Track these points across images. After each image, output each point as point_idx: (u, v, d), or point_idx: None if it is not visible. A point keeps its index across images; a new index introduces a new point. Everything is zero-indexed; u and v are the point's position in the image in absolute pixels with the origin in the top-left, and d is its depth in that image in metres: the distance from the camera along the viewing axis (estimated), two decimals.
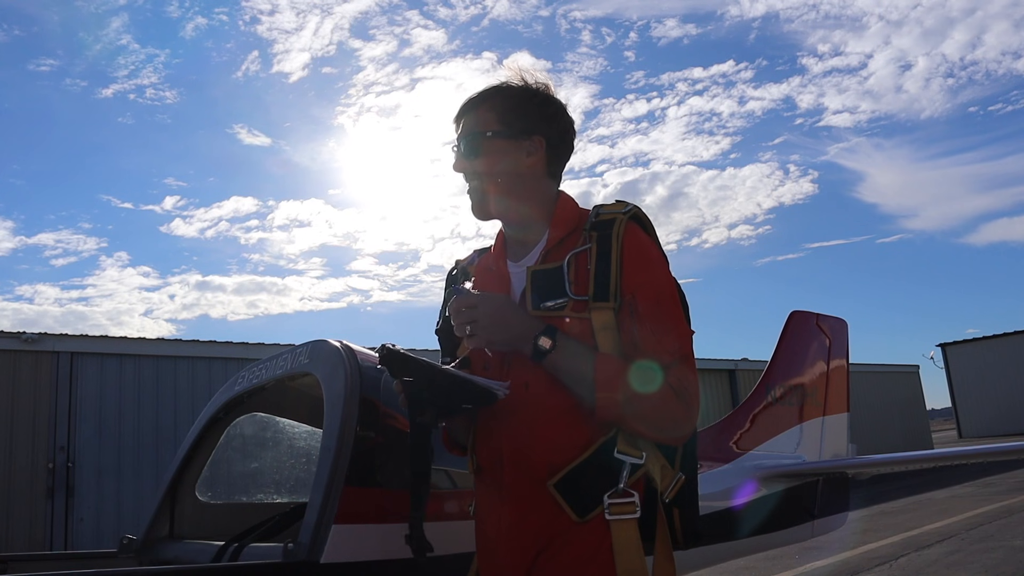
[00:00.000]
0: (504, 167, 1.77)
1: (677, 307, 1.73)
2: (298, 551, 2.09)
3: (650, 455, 1.65)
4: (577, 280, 1.68)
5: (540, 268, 1.74)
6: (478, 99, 1.81)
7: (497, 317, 1.61)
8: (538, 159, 1.78)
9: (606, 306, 1.64)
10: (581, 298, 1.66)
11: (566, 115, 1.85)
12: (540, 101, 1.80)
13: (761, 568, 7.27)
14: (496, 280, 1.82)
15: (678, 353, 1.65)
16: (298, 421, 3.26)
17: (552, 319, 1.65)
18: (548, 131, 1.79)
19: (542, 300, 1.69)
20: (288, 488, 3.30)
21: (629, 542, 1.58)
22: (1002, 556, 7.06)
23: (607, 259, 1.67)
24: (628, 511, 1.60)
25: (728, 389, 18.82)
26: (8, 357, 9.46)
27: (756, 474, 3.83)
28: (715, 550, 3.53)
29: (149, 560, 2.72)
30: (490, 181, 1.78)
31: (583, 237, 1.73)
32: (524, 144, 1.77)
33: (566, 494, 1.62)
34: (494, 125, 1.77)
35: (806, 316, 4.77)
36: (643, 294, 1.65)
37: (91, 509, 9.59)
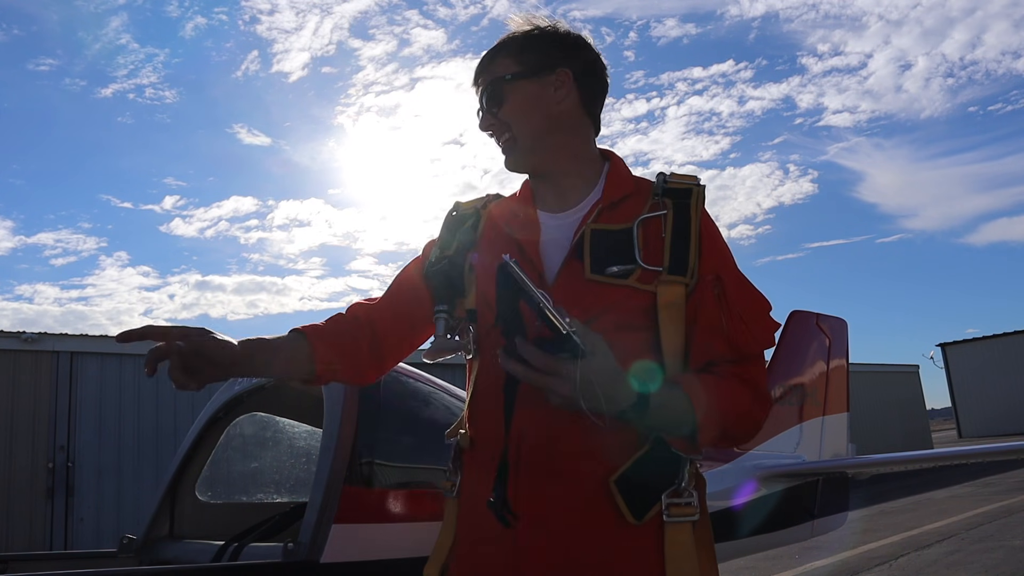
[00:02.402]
0: (532, 107, 1.57)
1: (762, 295, 1.56)
2: (298, 551, 2.09)
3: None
4: (647, 247, 1.47)
5: (600, 227, 1.50)
6: (492, 52, 1.64)
7: (605, 385, 1.26)
8: (568, 93, 1.57)
9: (680, 280, 1.45)
10: (653, 268, 1.45)
11: (589, 46, 1.65)
12: (556, 34, 1.62)
13: (761, 568, 7.27)
14: (527, 227, 1.57)
15: (766, 344, 1.51)
16: (298, 421, 3.26)
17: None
18: (572, 62, 1.59)
19: (605, 264, 1.46)
20: (288, 488, 3.30)
21: (686, 547, 1.42)
22: (1002, 556, 7.06)
23: (686, 231, 1.48)
24: (687, 513, 1.43)
25: None
26: (8, 357, 9.45)
27: (756, 474, 3.83)
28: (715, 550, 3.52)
29: (149, 560, 2.72)
30: (520, 126, 1.57)
31: (653, 202, 1.53)
32: (549, 80, 1.57)
33: (625, 492, 1.40)
34: (513, 67, 1.58)
35: (806, 316, 4.77)
36: (727, 276, 1.49)
37: (91, 509, 9.59)
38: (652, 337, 1.45)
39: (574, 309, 1.38)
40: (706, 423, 1.39)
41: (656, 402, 1.34)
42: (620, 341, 1.39)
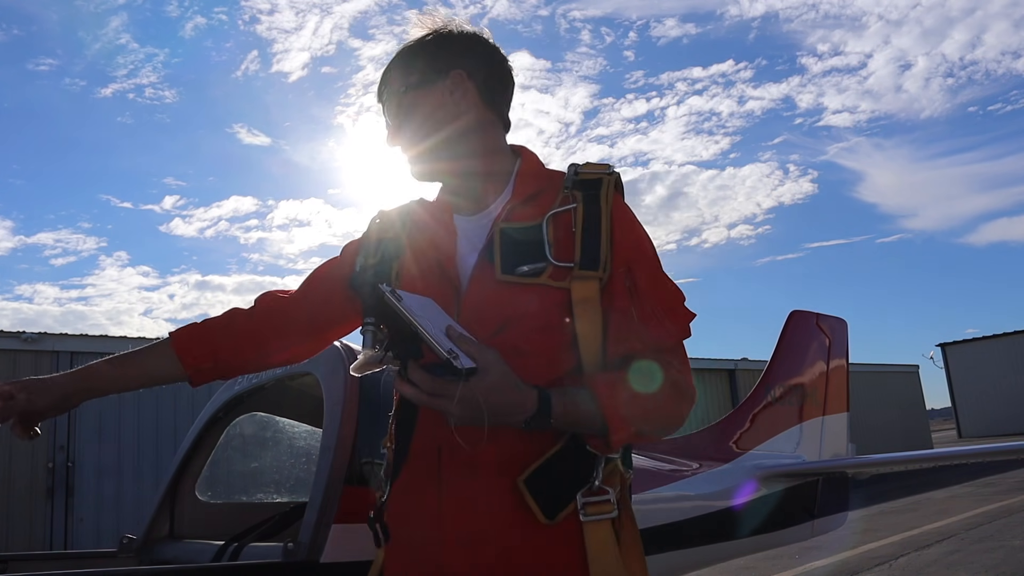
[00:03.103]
0: (431, 115, 1.54)
1: (675, 285, 1.53)
2: (298, 551, 2.09)
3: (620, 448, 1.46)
4: (558, 243, 1.45)
5: (510, 225, 1.48)
6: (388, 67, 1.62)
7: (498, 401, 1.26)
8: (465, 95, 1.54)
9: (592, 275, 1.42)
10: (564, 264, 1.43)
11: (483, 41, 1.61)
12: (446, 38, 1.58)
13: (761, 568, 7.27)
14: (440, 232, 1.56)
15: (681, 336, 1.49)
16: (298, 421, 3.26)
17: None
18: (465, 62, 1.56)
19: (515, 264, 1.44)
20: (288, 488, 3.30)
21: (605, 545, 1.40)
22: (1002, 556, 7.06)
23: (596, 223, 1.45)
24: (604, 511, 1.41)
25: (728, 389, 18.81)
26: (8, 357, 9.45)
27: (756, 474, 3.83)
28: (715, 550, 3.53)
29: (149, 560, 2.72)
30: (423, 136, 1.55)
31: (563, 196, 1.50)
32: (443, 85, 1.54)
33: (535, 492, 1.39)
34: (407, 79, 1.56)
35: (806, 316, 4.77)
36: (639, 268, 1.47)
37: (91, 509, 9.59)
38: (571, 335, 1.43)
39: (488, 312, 1.43)
40: (616, 422, 1.36)
41: (559, 408, 1.34)
42: (539, 341, 1.42)
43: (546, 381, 1.39)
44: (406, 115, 1.57)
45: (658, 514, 3.18)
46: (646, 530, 3.13)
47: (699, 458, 3.74)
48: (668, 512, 3.24)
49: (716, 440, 4.04)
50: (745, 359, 19.28)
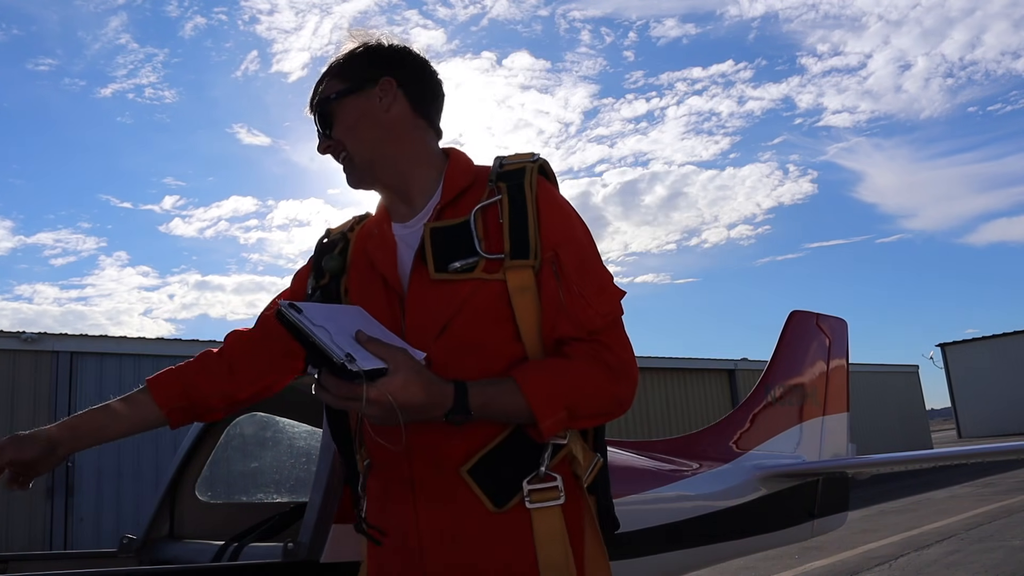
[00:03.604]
0: (360, 121, 1.57)
1: (602, 265, 1.54)
2: (298, 551, 2.09)
3: (573, 435, 1.47)
4: (488, 236, 1.47)
5: (440, 225, 1.50)
6: (320, 77, 1.64)
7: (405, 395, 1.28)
8: (395, 101, 1.57)
9: (525, 264, 1.44)
10: (495, 256, 1.45)
11: (414, 53, 1.64)
12: (376, 48, 1.62)
13: (761, 568, 7.27)
14: (380, 243, 1.59)
15: (610, 316, 1.48)
16: (298, 421, 3.26)
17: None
18: (395, 70, 1.59)
19: (447, 261, 1.46)
20: (288, 488, 3.30)
21: (552, 532, 1.41)
22: (1002, 556, 7.06)
23: (522, 212, 1.46)
24: (551, 497, 1.42)
25: (728, 389, 18.81)
26: (7, 357, 9.45)
27: (756, 474, 3.83)
28: (715, 550, 3.53)
29: (149, 560, 2.72)
30: (353, 142, 1.58)
31: (489, 189, 1.52)
32: (373, 92, 1.57)
33: (481, 481, 1.42)
34: (338, 86, 1.60)
35: (806, 316, 4.77)
36: (566, 251, 1.47)
37: (91, 509, 9.59)
38: (513, 326, 1.45)
39: (430, 313, 1.47)
40: (543, 410, 1.38)
41: (478, 400, 1.36)
42: (484, 335, 1.45)
43: (497, 373, 1.42)
44: (337, 121, 1.59)
45: (658, 514, 3.18)
46: (646, 530, 3.14)
47: (699, 458, 3.74)
48: (668, 512, 3.24)
49: (716, 440, 4.04)
50: (745, 359, 19.28)
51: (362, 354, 1.27)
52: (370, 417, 1.32)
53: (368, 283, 1.58)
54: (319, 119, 1.62)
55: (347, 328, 1.33)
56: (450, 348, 1.44)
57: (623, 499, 3.03)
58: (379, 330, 1.41)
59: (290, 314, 1.28)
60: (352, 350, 1.27)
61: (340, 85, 1.60)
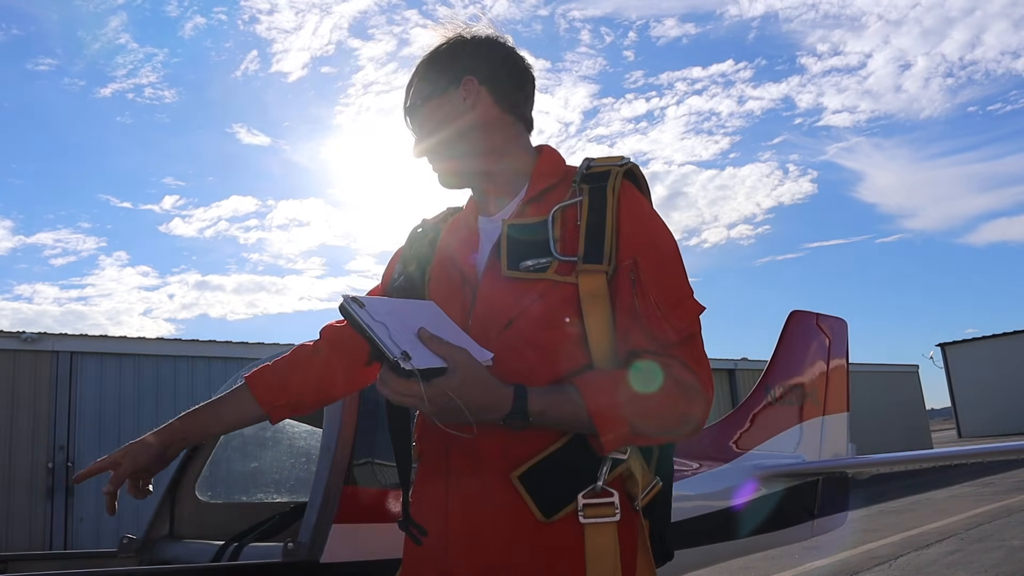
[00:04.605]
0: (447, 124, 1.56)
1: (684, 277, 1.49)
2: (298, 551, 2.09)
3: (632, 451, 1.41)
4: (564, 238, 1.44)
5: (518, 222, 1.49)
6: (408, 84, 1.64)
7: (462, 395, 1.25)
8: (479, 100, 1.56)
9: (598, 269, 1.40)
10: (568, 259, 1.41)
11: (496, 44, 1.61)
12: (460, 43, 1.60)
13: (761, 568, 7.27)
14: (465, 235, 1.59)
15: (686, 331, 1.41)
16: (298, 421, 3.26)
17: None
18: (476, 68, 1.57)
19: (520, 259, 1.44)
20: (288, 488, 3.30)
21: (605, 549, 1.35)
22: (1002, 556, 7.06)
23: (601, 215, 1.43)
24: (606, 514, 1.36)
25: (728, 389, 18.81)
26: (7, 357, 9.45)
27: (756, 474, 3.83)
28: (715, 550, 3.53)
29: (149, 560, 2.72)
30: (440, 146, 1.58)
31: (572, 190, 1.49)
32: (457, 93, 1.56)
33: (532, 488, 1.37)
34: (423, 92, 1.59)
35: (806, 316, 4.77)
36: (646, 259, 1.42)
37: (91, 509, 9.59)
38: (580, 331, 1.41)
39: (497, 308, 1.44)
40: (605, 423, 1.32)
41: (538, 407, 1.32)
42: (546, 337, 1.41)
43: (553, 376, 1.39)
44: (425, 126, 1.60)
45: None
46: None
47: (699, 458, 3.74)
48: None
49: (716, 440, 4.04)
50: (745, 359, 19.28)
51: (422, 352, 1.25)
52: (428, 415, 1.28)
53: (448, 273, 1.57)
54: (410, 125, 1.63)
55: (412, 324, 1.30)
56: (512, 345, 1.41)
57: None
58: (449, 327, 1.37)
59: (351, 308, 1.25)
60: (411, 347, 1.24)
61: (425, 89, 1.59)
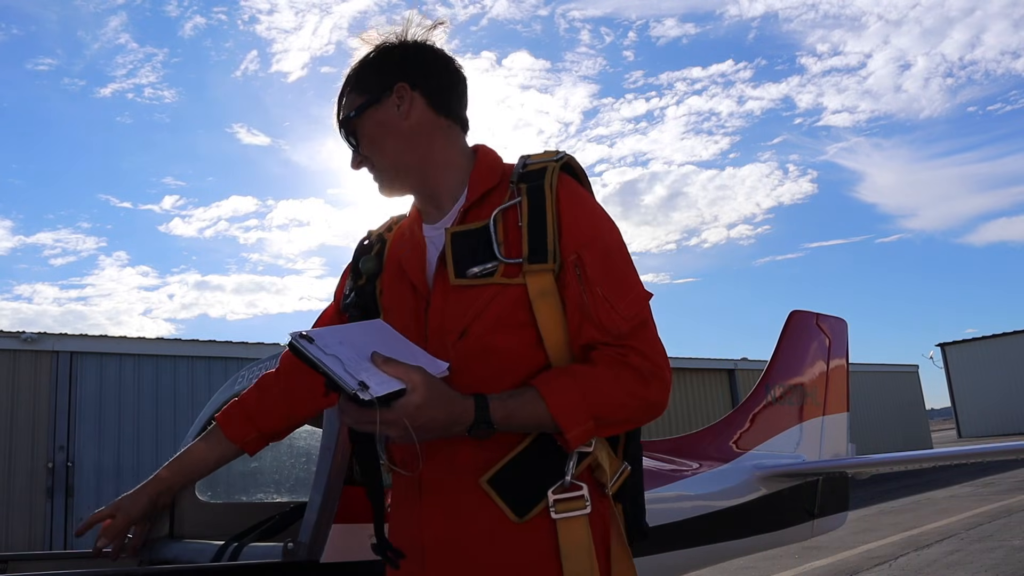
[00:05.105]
0: (382, 133, 1.55)
1: (630, 265, 1.49)
2: (298, 551, 2.09)
3: (598, 441, 1.43)
4: (507, 240, 1.43)
5: (460, 229, 1.48)
6: (340, 92, 1.61)
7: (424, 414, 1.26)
8: (412, 105, 1.54)
9: (544, 268, 1.40)
10: (514, 261, 1.41)
11: (426, 47, 1.59)
12: (384, 52, 1.58)
13: (761, 568, 7.27)
14: (411, 245, 1.58)
15: (636, 319, 1.42)
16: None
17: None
18: (407, 74, 1.55)
19: (467, 266, 1.44)
20: (288, 488, 3.30)
21: (579, 543, 1.37)
22: (1002, 556, 7.07)
23: (541, 214, 1.42)
24: (577, 507, 1.38)
25: (728, 389, 18.81)
26: (7, 357, 9.45)
27: (756, 474, 3.83)
28: (715, 550, 3.53)
29: (149, 560, 2.72)
30: (378, 156, 1.56)
31: (510, 191, 1.48)
32: (390, 100, 1.54)
33: (502, 491, 1.39)
34: (356, 101, 1.57)
35: (806, 316, 4.77)
36: (589, 252, 1.42)
37: (91, 509, 9.58)
38: (535, 331, 1.42)
39: (450, 318, 1.45)
40: (567, 419, 1.34)
41: (500, 414, 1.33)
42: (503, 341, 1.42)
43: (517, 380, 1.40)
44: (362, 137, 1.58)
45: (658, 514, 3.18)
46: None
47: (699, 458, 3.74)
48: (668, 512, 3.24)
49: (716, 440, 4.04)
50: (745, 359, 19.28)
51: (378, 377, 1.26)
52: (393, 438, 1.31)
53: (398, 285, 1.57)
54: (345, 138, 1.60)
55: (364, 349, 1.32)
56: (469, 353, 1.42)
57: None
58: (400, 344, 1.39)
59: (301, 345, 1.26)
60: (367, 374, 1.26)
61: (358, 99, 1.57)
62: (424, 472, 1.46)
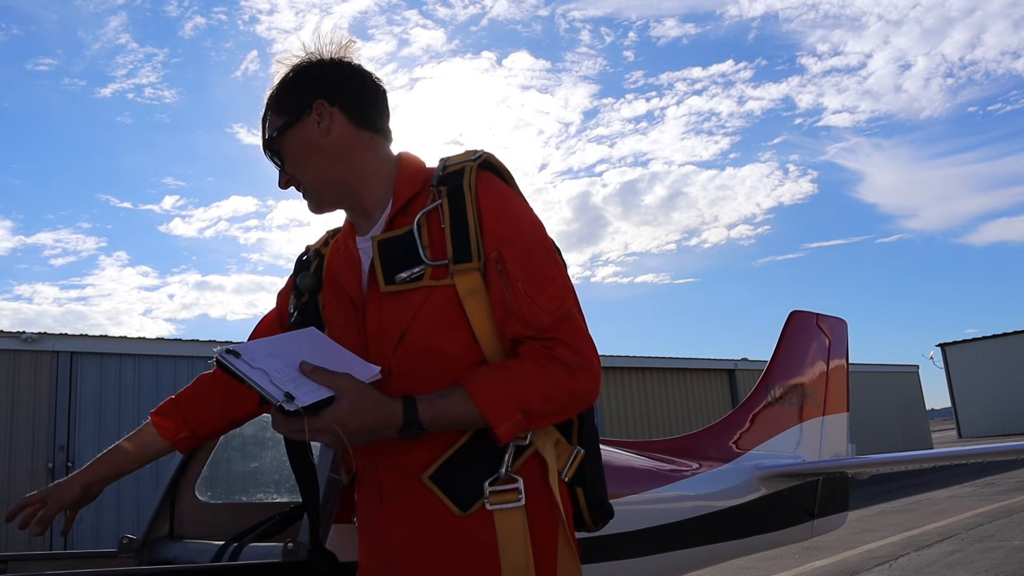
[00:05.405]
0: (305, 152, 1.57)
1: (551, 259, 1.51)
2: (298, 551, 2.09)
3: (539, 433, 1.46)
4: (432, 243, 1.46)
5: (386, 236, 1.51)
6: (261, 120, 1.65)
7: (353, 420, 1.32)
8: (332, 122, 1.56)
9: (470, 267, 1.43)
10: (440, 263, 1.44)
11: (342, 64, 1.61)
12: (301, 71, 1.60)
13: (761, 568, 7.27)
14: (346, 258, 1.61)
15: (558, 312, 1.44)
16: None
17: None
18: (325, 90, 1.57)
19: (395, 272, 1.47)
20: (288, 488, 3.30)
21: (515, 534, 1.41)
22: (1002, 556, 7.06)
23: (462, 213, 1.45)
24: (511, 499, 1.42)
25: (728, 389, 18.81)
26: (7, 357, 9.45)
27: (756, 474, 3.83)
28: (715, 550, 3.53)
29: (149, 560, 2.72)
30: (304, 174, 1.59)
31: (432, 194, 1.51)
32: (310, 118, 1.57)
33: (444, 486, 1.44)
34: (277, 122, 1.60)
35: (806, 316, 4.77)
36: (510, 249, 1.44)
37: (91, 509, 9.58)
38: (469, 330, 1.46)
39: (386, 326, 1.49)
40: (495, 415, 1.37)
41: (429, 414, 1.37)
42: (440, 343, 1.46)
43: (456, 379, 1.43)
44: (286, 157, 1.61)
45: (658, 514, 3.18)
46: (646, 530, 3.14)
47: (699, 458, 3.74)
48: (668, 512, 3.24)
49: (716, 440, 4.04)
50: (745, 359, 19.28)
51: (306, 387, 1.30)
52: (327, 444, 1.37)
53: (338, 299, 1.60)
54: (272, 159, 1.63)
55: (293, 359, 1.36)
56: (408, 357, 1.46)
57: (623, 499, 3.02)
58: (332, 351, 1.44)
59: (227, 361, 1.30)
60: (295, 384, 1.30)
61: (279, 120, 1.60)
62: (383, 479, 1.51)
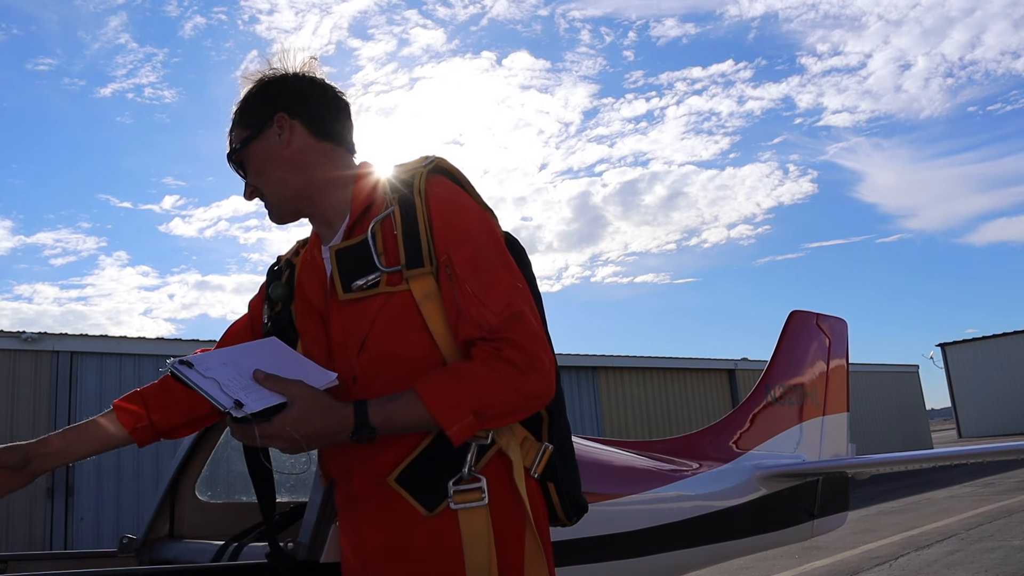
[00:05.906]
0: (267, 163, 1.60)
1: (501, 259, 1.52)
2: (298, 551, 2.09)
3: (503, 432, 1.48)
4: (386, 249, 1.49)
5: (343, 245, 1.55)
6: (227, 133, 1.68)
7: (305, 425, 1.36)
8: (293, 133, 1.60)
9: (423, 272, 1.46)
10: (394, 269, 1.48)
11: (303, 78, 1.64)
12: (263, 86, 1.64)
13: (761, 568, 7.27)
14: (312, 269, 1.64)
15: (506, 312, 1.43)
16: None
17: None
18: (285, 103, 1.61)
19: (352, 280, 1.51)
20: (288, 488, 3.30)
21: (477, 533, 1.43)
22: (1002, 556, 7.07)
23: (413, 219, 1.48)
24: (475, 499, 1.44)
25: (728, 389, 18.82)
26: (8, 357, 9.46)
27: (756, 474, 3.83)
28: (715, 550, 3.53)
29: (149, 560, 2.72)
30: (266, 186, 1.62)
31: (386, 201, 1.55)
32: (271, 131, 1.60)
33: (410, 488, 1.46)
34: (241, 135, 1.64)
35: (806, 316, 4.77)
36: (458, 251, 1.47)
37: (91, 509, 9.59)
38: (427, 333, 1.48)
39: (348, 333, 1.52)
40: (446, 417, 1.39)
41: (380, 418, 1.39)
42: (401, 347, 1.48)
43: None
44: (249, 168, 1.64)
45: (658, 514, 3.18)
46: (646, 530, 3.14)
47: (699, 458, 3.74)
48: (668, 512, 3.24)
49: (716, 440, 4.04)
50: (745, 359, 19.28)
51: (257, 394, 1.34)
52: (282, 449, 1.38)
53: (308, 309, 1.63)
54: (236, 170, 1.66)
55: (248, 368, 1.40)
56: (371, 363, 1.49)
57: (623, 499, 3.03)
58: (289, 359, 1.48)
59: (179, 371, 1.34)
60: (246, 392, 1.34)
61: (243, 133, 1.64)
62: (356, 482, 1.54)
